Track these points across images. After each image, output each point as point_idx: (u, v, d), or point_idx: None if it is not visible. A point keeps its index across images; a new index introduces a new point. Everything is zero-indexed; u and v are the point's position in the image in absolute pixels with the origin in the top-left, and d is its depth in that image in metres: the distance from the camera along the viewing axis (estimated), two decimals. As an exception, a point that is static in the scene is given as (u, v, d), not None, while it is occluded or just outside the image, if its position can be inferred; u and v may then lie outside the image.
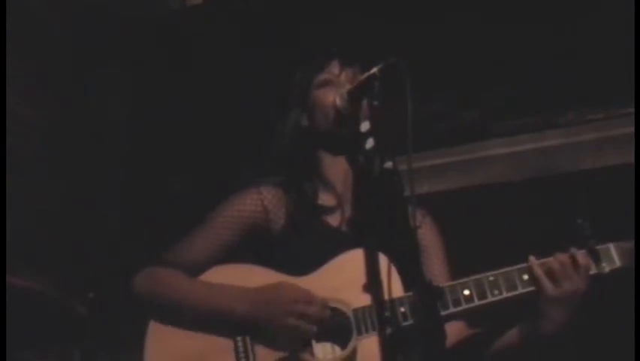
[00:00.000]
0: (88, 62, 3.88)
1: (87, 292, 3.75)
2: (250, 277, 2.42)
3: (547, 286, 2.30)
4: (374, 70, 2.23)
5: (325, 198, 2.56)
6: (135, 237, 3.84)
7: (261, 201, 2.52)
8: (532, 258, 2.36)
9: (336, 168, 2.57)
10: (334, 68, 2.56)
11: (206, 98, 4.04)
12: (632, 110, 3.55)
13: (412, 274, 2.08)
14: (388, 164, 2.14)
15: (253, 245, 2.53)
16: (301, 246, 2.45)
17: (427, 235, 2.57)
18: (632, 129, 3.32)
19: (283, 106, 2.63)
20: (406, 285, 2.30)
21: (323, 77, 2.56)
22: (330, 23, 3.83)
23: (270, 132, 2.65)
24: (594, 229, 2.38)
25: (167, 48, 4.09)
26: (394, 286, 2.19)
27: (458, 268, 2.45)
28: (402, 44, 3.57)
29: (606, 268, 2.35)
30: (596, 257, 2.35)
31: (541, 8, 3.65)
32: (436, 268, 2.52)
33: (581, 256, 2.32)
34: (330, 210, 2.53)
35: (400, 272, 2.28)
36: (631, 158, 3.33)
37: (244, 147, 3.84)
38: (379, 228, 2.35)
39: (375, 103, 2.20)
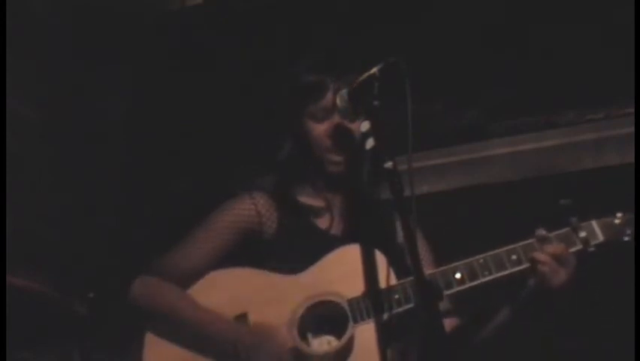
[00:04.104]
0: (87, 61, 3.88)
1: (87, 292, 3.75)
2: (246, 280, 2.48)
3: (542, 283, 2.37)
4: (374, 70, 2.23)
5: (314, 202, 2.60)
6: (135, 237, 3.85)
7: (254, 206, 2.56)
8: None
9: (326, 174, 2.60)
10: (328, 100, 2.51)
11: (206, 98, 4.04)
12: (632, 110, 3.55)
13: (412, 270, 2.11)
14: (388, 164, 2.15)
15: (246, 249, 2.56)
16: (293, 248, 2.50)
17: None
18: (632, 129, 3.33)
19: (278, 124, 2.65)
20: (398, 278, 2.36)
21: (316, 108, 2.53)
22: (330, 23, 3.83)
23: (272, 139, 2.67)
24: (577, 208, 2.43)
25: (167, 48, 4.09)
26: (388, 277, 2.32)
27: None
28: (402, 44, 3.58)
29: (591, 242, 2.41)
30: (579, 233, 2.41)
31: (541, 8, 3.65)
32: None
33: (556, 248, 2.37)
34: (319, 213, 2.58)
35: (392, 266, 2.36)
36: (631, 158, 3.34)
37: (244, 147, 3.84)
38: (371, 228, 2.46)
39: (375, 103, 2.21)
